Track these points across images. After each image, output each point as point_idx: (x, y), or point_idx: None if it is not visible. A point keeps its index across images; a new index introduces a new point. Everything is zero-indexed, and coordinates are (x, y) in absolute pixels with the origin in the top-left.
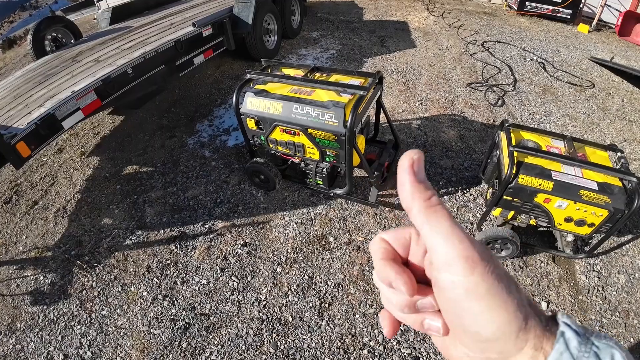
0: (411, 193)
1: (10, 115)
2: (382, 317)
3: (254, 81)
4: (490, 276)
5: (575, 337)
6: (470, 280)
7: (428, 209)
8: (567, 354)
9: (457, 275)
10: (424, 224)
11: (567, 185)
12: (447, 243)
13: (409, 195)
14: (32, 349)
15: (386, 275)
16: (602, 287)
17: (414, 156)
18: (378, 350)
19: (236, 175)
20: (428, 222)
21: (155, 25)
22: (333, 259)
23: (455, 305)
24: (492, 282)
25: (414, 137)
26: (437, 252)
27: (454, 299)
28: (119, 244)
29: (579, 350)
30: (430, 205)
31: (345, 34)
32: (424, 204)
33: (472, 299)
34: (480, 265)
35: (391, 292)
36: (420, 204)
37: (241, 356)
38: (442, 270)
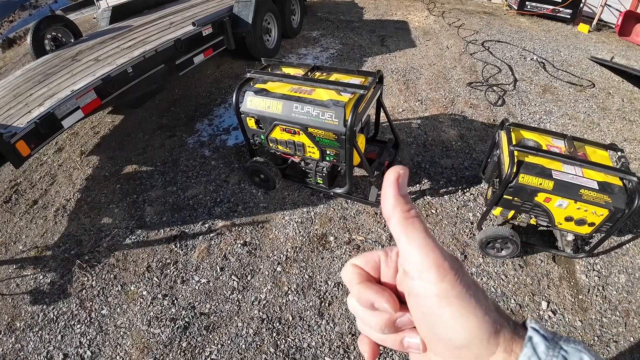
0: (392, 204)
1: (10, 114)
2: (361, 342)
3: (254, 80)
4: (459, 284)
5: (543, 341)
6: (441, 287)
7: (406, 220)
8: (535, 358)
9: (429, 283)
10: (401, 234)
11: (568, 184)
12: (420, 252)
13: (390, 206)
14: (32, 348)
15: (367, 297)
16: (602, 287)
17: (400, 171)
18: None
19: (236, 175)
20: (405, 233)
21: (155, 25)
22: (333, 258)
23: (428, 312)
24: (461, 289)
25: (414, 137)
26: (412, 261)
27: (427, 306)
28: (119, 243)
29: (546, 355)
30: (409, 217)
31: (346, 34)
32: (403, 215)
33: (443, 305)
34: (450, 273)
35: (370, 315)
36: (399, 215)
37: (241, 355)
38: (415, 277)
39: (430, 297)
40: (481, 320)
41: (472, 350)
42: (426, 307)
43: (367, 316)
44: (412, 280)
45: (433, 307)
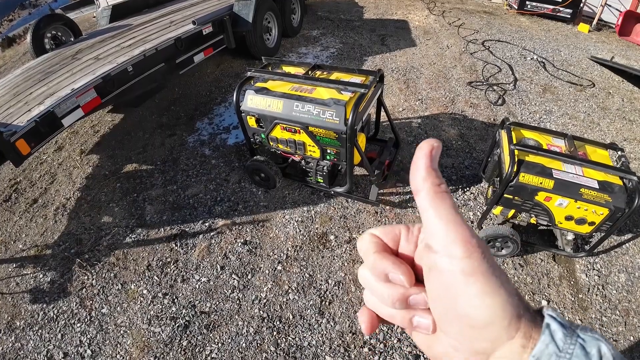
0: (423, 177)
1: (10, 112)
2: (362, 314)
3: (254, 79)
4: (485, 262)
5: (561, 329)
6: (467, 263)
7: (436, 194)
8: (553, 345)
9: (455, 258)
10: (429, 207)
11: (568, 183)
12: (448, 226)
13: (421, 177)
14: (32, 347)
15: (383, 268)
16: (602, 286)
17: (434, 144)
18: (379, 348)
19: (236, 174)
20: (433, 206)
21: (155, 23)
22: (334, 257)
23: (451, 289)
24: (487, 268)
25: (414, 136)
26: (438, 235)
27: (450, 282)
28: (119, 242)
29: (564, 342)
30: (439, 191)
31: (346, 33)
32: (433, 188)
33: (469, 281)
34: (477, 251)
35: (383, 287)
36: (429, 188)
37: (242, 354)
38: (441, 252)
39: (455, 273)
40: (505, 302)
41: (491, 331)
42: (449, 283)
43: (379, 288)
44: (436, 254)
45: (457, 283)
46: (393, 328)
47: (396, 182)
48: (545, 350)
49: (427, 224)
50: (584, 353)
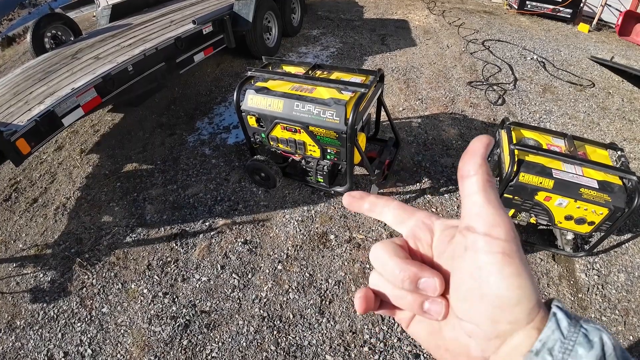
0: (479, 164)
1: (10, 112)
2: (360, 291)
3: (254, 78)
4: (520, 249)
5: (566, 318)
6: (508, 245)
7: (488, 181)
8: (558, 332)
9: (499, 239)
10: (480, 191)
11: (568, 183)
12: (496, 211)
13: (477, 164)
14: (32, 346)
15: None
16: (601, 285)
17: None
18: (379, 347)
19: (236, 173)
20: (484, 190)
21: (155, 23)
22: (334, 257)
23: (484, 268)
24: (522, 254)
25: (414, 136)
26: (485, 218)
27: (486, 261)
28: (119, 242)
29: (568, 331)
30: (490, 179)
31: (346, 32)
32: (487, 176)
33: (506, 262)
34: (517, 237)
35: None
36: (483, 173)
37: (242, 353)
38: (483, 232)
39: (494, 253)
40: (533, 285)
41: (516, 312)
42: (485, 262)
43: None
44: (478, 235)
45: (494, 263)
46: (393, 327)
47: (396, 182)
48: (551, 336)
49: (472, 206)
50: (586, 340)
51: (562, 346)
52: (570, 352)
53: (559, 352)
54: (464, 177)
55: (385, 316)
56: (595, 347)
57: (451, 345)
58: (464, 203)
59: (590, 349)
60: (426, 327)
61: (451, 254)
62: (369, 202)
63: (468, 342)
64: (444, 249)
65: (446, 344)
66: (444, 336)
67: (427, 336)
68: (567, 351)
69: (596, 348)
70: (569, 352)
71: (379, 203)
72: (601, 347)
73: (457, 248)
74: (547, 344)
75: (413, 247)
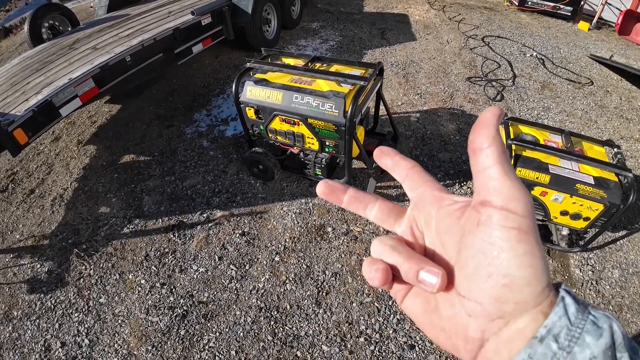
0: (494, 135)
1: (8, 102)
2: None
3: (253, 70)
4: (536, 226)
5: (574, 304)
6: (525, 221)
7: (503, 154)
8: (565, 319)
9: (516, 214)
10: (496, 163)
11: (564, 179)
12: (514, 184)
13: (491, 136)
14: (29, 337)
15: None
16: (595, 281)
17: (503, 110)
18: (375, 338)
19: (234, 165)
20: (500, 163)
21: (153, 13)
22: (331, 249)
23: (497, 244)
24: (537, 232)
25: (412, 130)
26: (502, 191)
27: (500, 237)
28: (117, 233)
29: (575, 317)
30: (505, 152)
31: (346, 26)
32: (502, 148)
33: (521, 239)
34: (534, 213)
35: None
36: (498, 146)
37: (239, 343)
38: (502, 207)
39: (509, 229)
40: (545, 267)
41: (524, 293)
42: (498, 238)
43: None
44: (494, 209)
45: (508, 239)
46: (389, 319)
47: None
48: (558, 322)
49: (487, 180)
50: (595, 328)
51: (569, 333)
52: (577, 340)
53: (565, 340)
54: (476, 150)
55: (381, 308)
56: (604, 335)
57: (448, 324)
58: (478, 177)
59: (599, 337)
60: (422, 303)
61: (459, 231)
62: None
63: (467, 321)
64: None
65: (442, 323)
66: (440, 314)
67: (422, 313)
68: (573, 339)
69: (605, 336)
70: (576, 340)
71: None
72: (610, 335)
73: (468, 224)
74: (552, 330)
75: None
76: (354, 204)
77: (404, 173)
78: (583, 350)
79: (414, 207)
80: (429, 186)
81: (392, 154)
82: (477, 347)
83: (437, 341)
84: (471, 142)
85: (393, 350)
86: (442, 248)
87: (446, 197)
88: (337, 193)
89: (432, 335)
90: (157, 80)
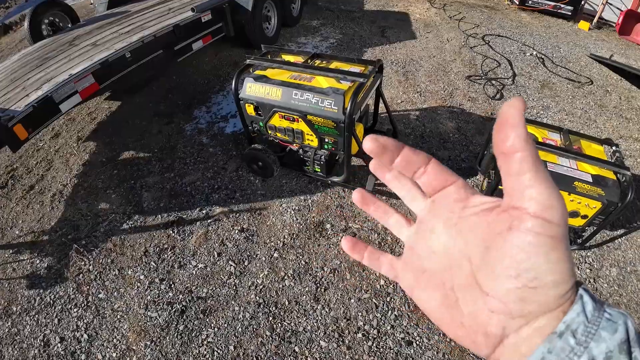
0: (525, 137)
1: (8, 98)
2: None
3: (253, 67)
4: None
5: (591, 301)
6: (560, 230)
7: (538, 159)
8: (583, 316)
9: (552, 223)
10: (530, 170)
11: (562, 176)
12: (551, 191)
13: (522, 137)
14: (28, 332)
15: None
16: (593, 279)
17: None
18: (372, 334)
19: (234, 162)
20: (535, 169)
21: (153, 10)
22: (329, 245)
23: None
24: (567, 236)
25: (412, 128)
26: (538, 199)
27: (532, 243)
28: (116, 229)
29: (592, 315)
30: (538, 155)
31: (346, 24)
32: (535, 152)
33: (555, 247)
34: (567, 219)
35: None
36: (532, 150)
37: (237, 338)
38: (538, 215)
39: (544, 236)
40: (572, 272)
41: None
42: (531, 243)
43: None
44: (527, 215)
45: (542, 245)
46: (387, 315)
47: None
48: (576, 319)
49: (521, 186)
50: (610, 324)
51: (586, 329)
52: (593, 336)
53: (582, 335)
54: (508, 154)
55: (379, 304)
56: (619, 331)
57: (468, 320)
58: (509, 181)
59: (615, 332)
60: (440, 297)
61: (486, 230)
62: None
63: (488, 318)
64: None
65: (462, 319)
66: (461, 310)
67: (439, 307)
68: (590, 334)
69: (620, 331)
70: (592, 336)
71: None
72: (625, 330)
73: (498, 226)
74: (571, 326)
75: None
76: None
77: (420, 171)
78: (599, 344)
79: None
80: (452, 183)
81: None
82: (496, 343)
83: (455, 336)
84: (499, 144)
85: (391, 346)
86: (464, 246)
87: (472, 198)
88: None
89: (450, 330)
90: (157, 77)
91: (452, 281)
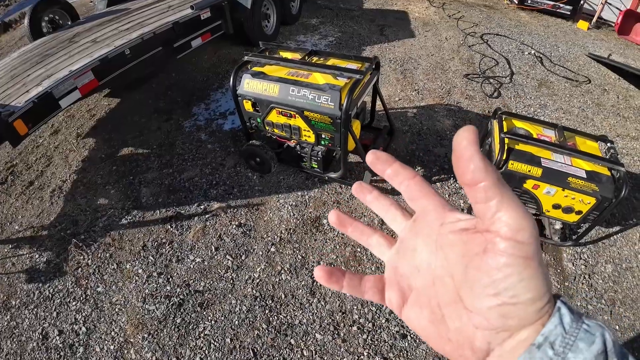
0: (484, 168)
1: (8, 94)
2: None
3: (251, 63)
4: (538, 247)
5: (569, 314)
6: (529, 248)
7: (502, 184)
8: (560, 327)
9: (523, 243)
10: (497, 196)
11: (556, 172)
12: (519, 214)
13: (481, 168)
14: (27, 325)
15: None
16: (588, 275)
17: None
18: (367, 327)
19: (232, 158)
20: (501, 195)
21: (152, 8)
22: (326, 240)
23: (504, 269)
24: (539, 253)
25: (409, 125)
26: (509, 223)
27: (506, 263)
28: (115, 223)
29: (570, 326)
30: (501, 181)
31: (345, 22)
32: (497, 177)
33: (527, 265)
34: (538, 237)
35: None
36: (495, 177)
37: (234, 331)
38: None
39: (516, 257)
40: (548, 287)
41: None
42: (504, 264)
43: None
44: (499, 238)
45: (515, 265)
46: (382, 309)
47: None
48: (554, 331)
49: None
50: (587, 336)
51: (564, 340)
52: (571, 347)
53: (560, 346)
54: (471, 185)
55: None
56: (596, 342)
57: (455, 335)
58: (478, 207)
59: (592, 344)
60: (428, 315)
61: (463, 248)
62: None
63: (473, 333)
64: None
65: (449, 334)
66: (447, 326)
67: (428, 324)
68: (567, 345)
69: (597, 343)
70: (570, 347)
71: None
72: (603, 342)
73: (474, 246)
74: (549, 337)
75: None
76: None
77: (405, 183)
78: (576, 356)
79: (415, 219)
80: (431, 200)
81: (389, 160)
82: (483, 356)
83: (443, 351)
84: (461, 177)
85: (385, 339)
86: (446, 262)
87: (449, 214)
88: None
89: (438, 345)
90: (156, 74)
91: (437, 298)
